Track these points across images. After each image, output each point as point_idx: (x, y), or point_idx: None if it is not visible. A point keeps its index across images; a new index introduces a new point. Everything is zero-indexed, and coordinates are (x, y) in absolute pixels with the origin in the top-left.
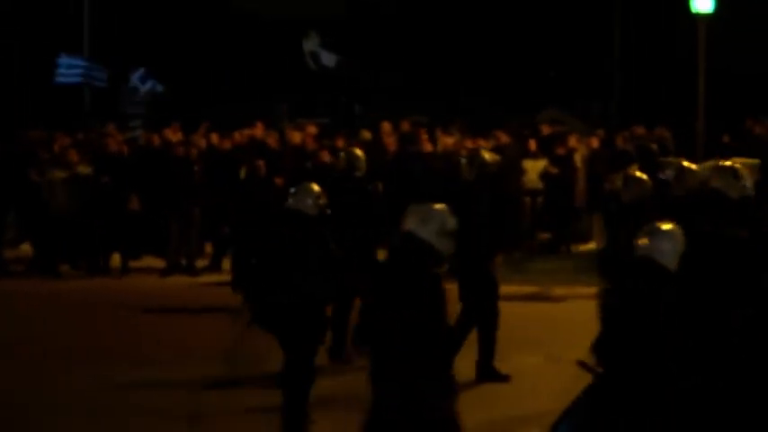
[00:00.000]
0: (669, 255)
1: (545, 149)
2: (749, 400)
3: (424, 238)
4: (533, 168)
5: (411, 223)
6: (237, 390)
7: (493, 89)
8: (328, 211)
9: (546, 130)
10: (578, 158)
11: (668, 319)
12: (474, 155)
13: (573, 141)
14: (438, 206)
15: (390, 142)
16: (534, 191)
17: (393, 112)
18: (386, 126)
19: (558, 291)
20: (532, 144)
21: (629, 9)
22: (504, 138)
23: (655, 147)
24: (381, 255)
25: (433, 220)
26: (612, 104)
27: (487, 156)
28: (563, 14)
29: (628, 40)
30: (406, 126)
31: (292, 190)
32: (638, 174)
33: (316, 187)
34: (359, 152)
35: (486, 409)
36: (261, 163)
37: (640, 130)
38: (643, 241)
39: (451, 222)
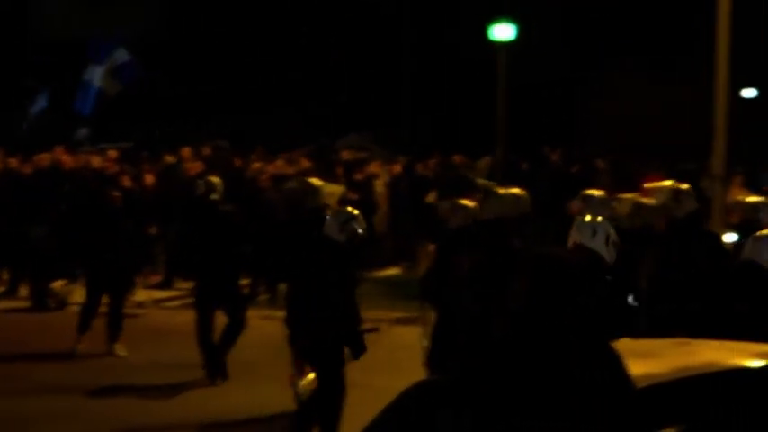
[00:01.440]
0: None
1: (346, 175)
2: None
3: (594, 248)
4: (333, 195)
5: (580, 236)
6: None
7: (292, 113)
8: (361, 236)
9: (347, 155)
10: (380, 184)
11: None
12: (306, 183)
13: (373, 167)
14: (602, 219)
15: (192, 167)
16: None
17: (194, 135)
18: (185, 151)
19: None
20: (339, 170)
21: (423, 37)
22: (306, 163)
23: (471, 176)
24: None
25: (602, 231)
26: (406, 131)
27: (322, 184)
28: (356, 41)
29: (423, 68)
30: (207, 150)
31: (328, 215)
32: (464, 201)
33: (348, 212)
34: (215, 179)
35: None
36: (117, 195)
37: (458, 158)
38: (747, 246)
39: (614, 233)
